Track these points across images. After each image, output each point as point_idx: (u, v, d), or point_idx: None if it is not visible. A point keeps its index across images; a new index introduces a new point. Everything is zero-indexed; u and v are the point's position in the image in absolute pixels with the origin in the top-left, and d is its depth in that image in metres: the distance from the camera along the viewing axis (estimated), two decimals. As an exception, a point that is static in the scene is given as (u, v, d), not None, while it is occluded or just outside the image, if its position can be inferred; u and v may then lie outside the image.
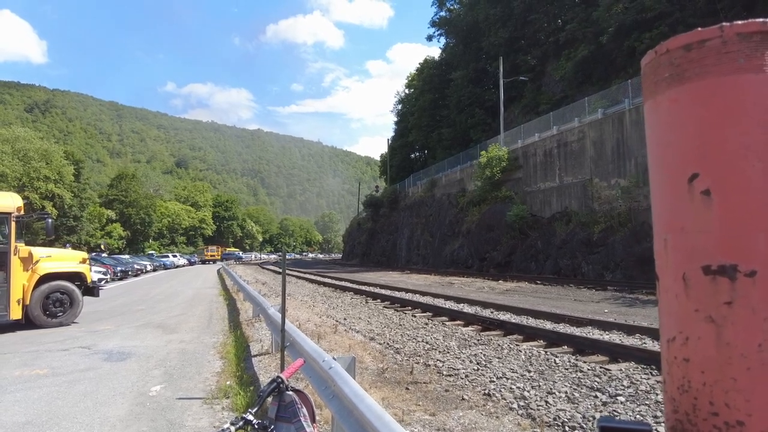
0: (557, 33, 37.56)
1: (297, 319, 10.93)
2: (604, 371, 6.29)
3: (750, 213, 0.61)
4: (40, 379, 6.49)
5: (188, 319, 12.45)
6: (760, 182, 0.61)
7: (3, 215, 10.65)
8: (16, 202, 11.08)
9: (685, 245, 0.66)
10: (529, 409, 5.02)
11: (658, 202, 0.72)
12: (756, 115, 0.62)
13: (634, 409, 4.89)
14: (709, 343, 0.64)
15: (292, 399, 1.93)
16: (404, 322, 11.09)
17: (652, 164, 0.74)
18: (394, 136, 68.37)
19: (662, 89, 0.70)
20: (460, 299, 14.82)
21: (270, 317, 7.89)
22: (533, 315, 11.26)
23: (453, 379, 6.27)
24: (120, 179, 78.61)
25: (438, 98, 51.78)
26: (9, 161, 53.27)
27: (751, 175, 0.61)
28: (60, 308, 11.43)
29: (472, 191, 34.08)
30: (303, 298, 17.06)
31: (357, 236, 69.35)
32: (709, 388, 0.64)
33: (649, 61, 0.73)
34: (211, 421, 4.80)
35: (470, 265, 31.99)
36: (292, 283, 25.17)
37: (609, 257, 20.90)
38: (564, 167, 25.68)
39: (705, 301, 0.64)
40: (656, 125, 0.72)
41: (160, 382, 6.28)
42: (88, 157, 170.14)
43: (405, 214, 49.59)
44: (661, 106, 0.71)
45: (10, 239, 10.59)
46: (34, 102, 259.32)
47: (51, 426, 4.75)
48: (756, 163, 0.61)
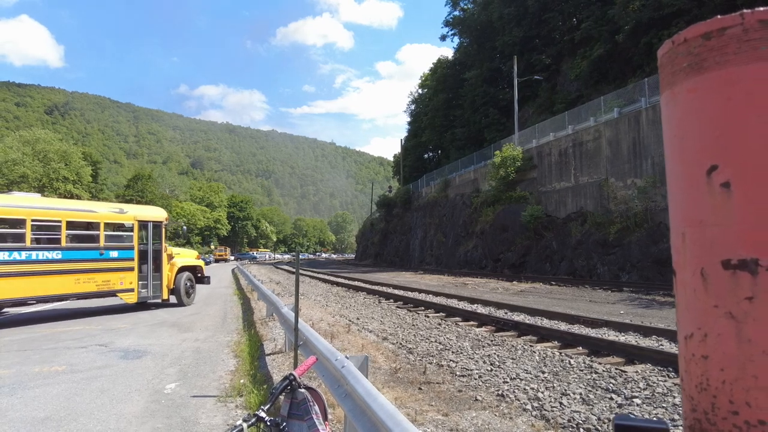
0: (572, 31, 37.19)
1: (310, 319, 10.97)
2: (620, 373, 6.20)
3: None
4: (59, 376, 6.60)
5: (203, 317, 12.57)
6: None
7: (158, 223, 14.43)
8: (164, 213, 15.25)
9: (704, 239, 0.65)
10: (543, 410, 4.97)
11: (676, 195, 0.70)
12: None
13: (651, 411, 4.81)
14: (729, 340, 0.62)
15: (304, 396, 1.93)
16: (417, 323, 11.06)
17: (669, 157, 0.72)
18: (408, 137, 68.30)
19: (680, 79, 0.68)
20: (473, 300, 14.75)
21: (283, 316, 7.93)
22: (548, 316, 11.16)
23: (466, 380, 6.23)
24: (136, 180, 79.59)
25: (452, 98, 51.60)
26: (30, 162, 54.39)
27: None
28: (190, 291, 15.55)
29: (486, 191, 33.88)
30: (316, 298, 17.12)
31: (370, 236, 69.42)
32: (729, 386, 0.62)
33: (666, 51, 0.71)
34: (225, 419, 4.83)
35: (484, 266, 31.81)
36: (305, 283, 25.29)
37: (625, 258, 20.63)
38: (579, 167, 25.41)
39: (724, 296, 0.62)
40: (674, 116, 0.70)
41: (175, 380, 6.34)
42: (106, 158, 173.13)
43: (418, 215, 49.50)
44: (678, 96, 0.69)
45: (162, 241, 14.49)
46: (54, 104, 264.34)
47: (69, 421, 4.82)
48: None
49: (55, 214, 12.26)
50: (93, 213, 13.36)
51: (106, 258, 13.06)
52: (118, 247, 13.50)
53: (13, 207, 11.66)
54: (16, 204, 11.86)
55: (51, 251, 11.95)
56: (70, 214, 12.77)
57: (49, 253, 11.89)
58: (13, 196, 12.87)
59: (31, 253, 11.52)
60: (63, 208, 12.82)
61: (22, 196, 13.27)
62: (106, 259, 13.06)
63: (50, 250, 11.95)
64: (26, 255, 11.40)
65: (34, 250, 11.61)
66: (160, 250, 14.39)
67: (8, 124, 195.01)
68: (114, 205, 14.99)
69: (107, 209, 13.97)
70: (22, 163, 53.58)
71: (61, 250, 12.15)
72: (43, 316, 13.11)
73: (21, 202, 12.17)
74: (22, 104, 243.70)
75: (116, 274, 13.25)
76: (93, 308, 14.69)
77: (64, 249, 12.22)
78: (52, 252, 11.96)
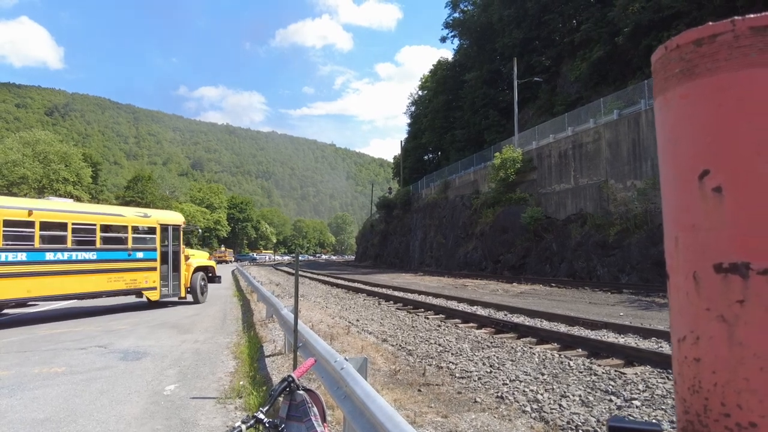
0: (572, 33, 37.24)
1: (310, 320, 10.98)
2: (619, 375, 6.20)
3: (763, 210, 0.60)
4: (58, 377, 6.60)
5: (203, 319, 12.57)
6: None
7: (176, 226, 15.59)
8: (182, 217, 16.57)
9: (696, 243, 0.65)
10: (542, 412, 4.97)
11: (669, 199, 0.71)
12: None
13: (650, 413, 4.81)
14: (721, 343, 0.63)
15: (302, 398, 1.94)
16: (417, 324, 11.07)
17: (663, 161, 0.73)
18: (407, 138, 68.34)
19: (672, 85, 0.69)
20: (473, 302, 14.75)
21: (283, 318, 7.93)
22: (547, 318, 11.16)
23: (466, 382, 6.23)
24: (136, 181, 79.57)
25: (451, 99, 51.65)
26: (30, 164, 54.41)
27: (763, 171, 0.60)
28: (204, 290, 16.70)
29: (486, 193, 33.91)
30: (316, 300, 17.12)
31: (370, 238, 69.42)
32: (720, 388, 0.63)
33: (659, 57, 0.72)
34: (224, 421, 4.83)
35: (484, 268, 31.81)
36: (305, 284, 25.28)
37: (625, 260, 20.64)
38: (579, 169, 25.43)
39: (716, 299, 0.63)
40: (667, 121, 0.71)
41: (175, 382, 6.34)
42: (106, 159, 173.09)
43: (418, 216, 49.51)
44: (671, 102, 0.70)
45: (180, 243, 15.62)
46: (54, 105, 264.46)
47: (68, 423, 4.83)
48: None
49: (91, 218, 13.44)
50: (122, 217, 14.55)
51: (133, 258, 14.16)
52: (143, 248, 14.55)
53: (58, 212, 12.72)
54: (60, 209, 12.97)
55: (88, 252, 13.05)
56: (103, 218, 13.94)
57: (87, 254, 12.99)
58: (55, 201, 14.02)
59: (72, 254, 12.61)
60: (97, 213, 14.11)
61: (60, 201, 14.46)
62: (133, 259, 14.16)
63: (87, 251, 13.05)
64: (68, 255, 12.50)
65: (75, 251, 12.70)
66: (178, 251, 15.51)
67: (8, 125, 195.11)
68: (139, 210, 16.33)
69: (134, 213, 15.13)
70: (23, 165, 53.61)
71: (96, 251, 13.25)
72: (43, 316, 13.11)
73: (63, 206, 13.33)
74: (22, 105, 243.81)
75: (142, 274, 14.36)
76: (93, 309, 14.69)
77: (99, 250, 13.34)
78: (89, 253, 13.07)
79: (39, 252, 11.89)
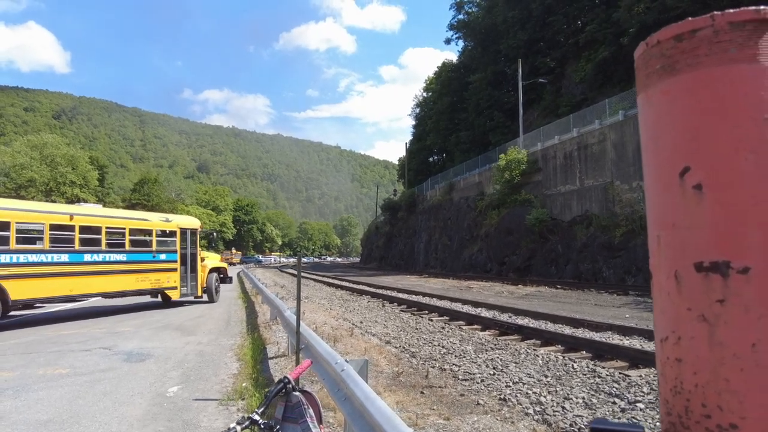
0: (577, 34, 37.14)
1: (314, 322, 10.98)
2: (624, 377, 6.16)
3: (743, 208, 0.59)
4: (62, 379, 6.63)
5: (207, 321, 12.60)
6: (752, 176, 0.59)
7: (194, 230, 16.67)
8: (199, 222, 17.81)
9: (677, 242, 0.65)
10: (545, 414, 4.94)
11: (652, 197, 0.70)
12: (748, 107, 0.60)
13: (654, 416, 4.77)
14: (702, 343, 0.62)
15: (298, 400, 1.93)
16: (421, 326, 11.04)
17: (646, 159, 0.72)
18: (412, 140, 68.33)
19: (654, 81, 0.68)
20: (477, 303, 14.71)
21: (286, 320, 7.93)
22: (552, 320, 11.10)
23: (468, 384, 6.21)
24: (143, 184, 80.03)
25: (456, 101, 51.61)
26: (38, 167, 54.88)
27: (743, 168, 0.59)
28: (218, 289, 17.74)
29: (491, 194, 33.82)
30: (320, 301, 17.13)
31: (375, 240, 69.42)
32: (701, 389, 0.62)
33: (641, 53, 0.71)
34: (226, 422, 4.83)
35: (489, 269, 31.72)
36: (309, 286, 25.31)
37: (630, 261, 20.52)
38: (584, 170, 25.33)
39: (697, 299, 0.62)
40: (648, 119, 0.70)
41: (178, 383, 6.36)
42: (112, 162, 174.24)
43: (423, 218, 49.46)
44: (653, 98, 0.69)
45: (197, 246, 16.63)
46: (62, 109, 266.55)
47: (72, 424, 4.85)
48: (749, 156, 0.59)
49: (121, 223, 14.41)
50: (147, 221, 15.58)
51: (157, 260, 15.14)
52: (165, 250, 15.49)
53: (94, 216, 13.71)
54: (96, 214, 14.05)
55: (119, 254, 14.01)
56: (132, 222, 14.88)
57: (118, 255, 13.96)
58: (89, 207, 14.98)
59: (106, 255, 13.58)
60: (126, 217, 15.03)
61: (93, 207, 15.41)
62: (157, 261, 15.14)
63: (118, 253, 14.00)
64: (102, 257, 13.47)
65: (108, 253, 13.65)
66: (195, 253, 16.54)
67: (17, 128, 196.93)
68: (161, 215, 17.16)
69: (157, 218, 16.14)
70: (30, 168, 54.09)
71: (126, 253, 14.21)
72: (49, 317, 13.19)
73: (98, 212, 14.44)
74: (30, 109, 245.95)
75: (164, 274, 15.32)
76: (99, 310, 14.76)
77: (128, 252, 14.29)
78: (120, 254, 14.03)
79: (79, 254, 12.84)
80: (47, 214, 12.39)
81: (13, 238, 11.34)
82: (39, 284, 11.85)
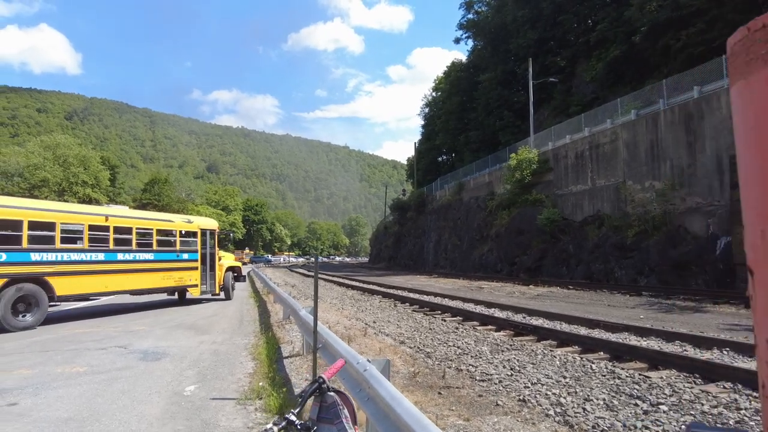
0: (588, 33, 36.86)
1: (326, 322, 10.97)
2: (644, 378, 6.08)
3: None
4: (80, 377, 6.67)
5: (219, 320, 12.64)
6: None
7: (213, 231, 17.40)
8: (217, 223, 18.49)
9: (788, 236, 0.61)
10: (567, 416, 4.88)
11: (752, 191, 0.67)
12: None
13: (678, 419, 4.70)
14: (818, 343, 0.58)
15: (333, 400, 1.91)
16: (434, 326, 11.00)
17: (743, 151, 0.68)
18: (421, 140, 68.22)
19: (757, 68, 0.65)
20: (490, 304, 14.63)
21: (301, 319, 7.93)
22: (567, 320, 11.01)
23: (486, 385, 6.16)
24: (153, 184, 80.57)
25: (466, 101, 51.44)
26: (50, 167, 55.47)
27: None
28: (233, 287, 18.93)
29: (501, 194, 33.66)
30: (332, 301, 17.13)
31: (384, 240, 69.38)
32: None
33: (739, 39, 0.68)
34: (245, 422, 4.83)
35: (499, 270, 31.57)
36: (320, 286, 25.31)
37: (643, 262, 20.31)
38: (596, 170, 25.12)
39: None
40: (749, 107, 0.67)
41: (194, 382, 6.37)
42: (123, 162, 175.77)
43: (432, 218, 49.35)
44: (755, 87, 0.65)
45: (216, 246, 17.37)
46: (74, 110, 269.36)
47: (92, 422, 4.87)
48: None
49: (149, 224, 15.19)
50: (172, 223, 16.33)
51: (180, 259, 15.88)
52: (188, 250, 16.22)
53: (126, 218, 14.45)
54: (127, 215, 14.78)
55: (147, 253, 14.74)
56: (158, 223, 15.67)
57: (146, 255, 14.69)
58: (119, 209, 15.59)
59: (136, 254, 14.32)
60: (154, 219, 15.80)
61: (121, 208, 16.06)
62: (180, 260, 15.88)
63: (147, 252, 14.73)
64: (133, 256, 14.21)
65: (138, 252, 14.40)
66: (214, 253, 17.28)
67: (30, 129, 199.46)
68: (184, 216, 18.08)
69: (180, 220, 16.84)
70: (44, 168, 54.68)
71: (153, 252, 14.95)
72: (64, 316, 13.31)
73: (129, 213, 15.25)
74: (43, 110, 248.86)
75: (187, 273, 16.04)
76: (112, 308, 14.88)
77: (155, 251, 15.05)
78: (148, 254, 14.76)
79: (113, 252, 13.62)
80: (86, 216, 13.23)
81: (58, 237, 12.13)
82: (80, 281, 12.61)
